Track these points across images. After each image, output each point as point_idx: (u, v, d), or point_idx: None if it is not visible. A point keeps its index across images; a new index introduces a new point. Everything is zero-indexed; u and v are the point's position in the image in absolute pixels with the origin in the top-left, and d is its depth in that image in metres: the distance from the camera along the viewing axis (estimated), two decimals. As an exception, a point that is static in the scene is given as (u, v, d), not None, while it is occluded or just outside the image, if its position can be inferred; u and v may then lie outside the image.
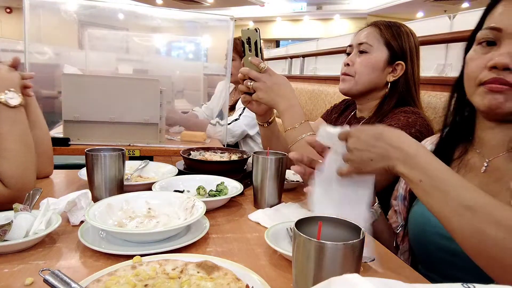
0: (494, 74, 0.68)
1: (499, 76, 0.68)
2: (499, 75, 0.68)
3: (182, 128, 1.95)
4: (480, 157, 0.79)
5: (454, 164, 0.82)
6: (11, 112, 0.90)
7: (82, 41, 2.25)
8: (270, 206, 0.96)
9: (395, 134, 0.66)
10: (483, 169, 0.77)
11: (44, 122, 1.12)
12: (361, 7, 14.22)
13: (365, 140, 0.67)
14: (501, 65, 0.67)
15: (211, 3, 13.20)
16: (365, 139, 0.67)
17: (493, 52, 0.69)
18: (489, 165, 0.77)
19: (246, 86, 1.07)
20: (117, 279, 0.54)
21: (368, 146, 0.66)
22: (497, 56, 0.68)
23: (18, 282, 0.58)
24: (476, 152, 0.80)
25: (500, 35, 0.69)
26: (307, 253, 0.49)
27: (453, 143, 0.84)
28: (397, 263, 0.72)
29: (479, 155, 0.79)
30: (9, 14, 14.49)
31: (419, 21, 3.45)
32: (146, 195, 0.88)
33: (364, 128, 0.69)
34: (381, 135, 0.66)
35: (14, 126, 0.90)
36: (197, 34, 2.42)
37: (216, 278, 0.56)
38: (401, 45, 1.17)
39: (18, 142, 0.89)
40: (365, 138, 0.67)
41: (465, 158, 0.81)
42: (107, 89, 1.59)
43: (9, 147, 0.87)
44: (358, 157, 0.67)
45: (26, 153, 0.90)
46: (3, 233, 0.67)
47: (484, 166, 0.77)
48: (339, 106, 1.45)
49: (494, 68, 0.69)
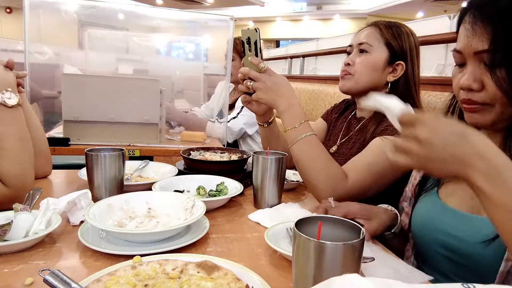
0: (464, 95, 0.72)
1: (467, 97, 0.71)
2: (467, 95, 0.71)
3: (182, 128, 1.96)
4: None
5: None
6: (9, 112, 0.91)
7: (82, 41, 2.25)
8: (270, 206, 0.96)
9: (480, 138, 0.55)
10: None
11: (38, 122, 1.12)
12: (361, 7, 14.22)
13: (443, 135, 0.55)
14: (465, 87, 0.71)
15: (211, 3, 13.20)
16: (444, 134, 0.55)
17: (464, 71, 0.72)
18: None
19: (246, 86, 1.07)
20: (117, 279, 0.54)
21: (446, 143, 0.55)
22: (463, 77, 0.71)
23: (18, 282, 0.58)
24: None
25: (463, 56, 0.72)
26: (307, 253, 0.49)
27: None
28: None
29: None
30: (9, 14, 14.49)
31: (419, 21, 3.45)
32: (146, 195, 0.88)
33: (440, 118, 0.57)
34: (464, 135, 0.55)
35: (13, 126, 0.90)
36: (197, 34, 2.42)
37: (216, 278, 0.56)
38: (401, 45, 1.17)
39: (16, 141, 0.89)
40: (443, 132, 0.55)
41: None
42: (107, 89, 1.59)
43: (8, 146, 0.87)
44: (427, 153, 0.56)
45: (24, 152, 0.90)
46: (3, 233, 0.67)
47: None
48: (339, 106, 1.45)
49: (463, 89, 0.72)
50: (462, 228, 0.74)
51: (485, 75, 0.69)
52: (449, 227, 0.76)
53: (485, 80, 0.69)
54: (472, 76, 0.70)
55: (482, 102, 0.70)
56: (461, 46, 0.72)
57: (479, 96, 0.70)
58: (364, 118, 1.25)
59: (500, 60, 0.66)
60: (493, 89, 0.67)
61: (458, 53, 0.73)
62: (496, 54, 0.66)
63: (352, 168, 1.02)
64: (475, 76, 0.70)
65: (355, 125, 1.28)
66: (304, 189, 1.17)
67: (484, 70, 0.69)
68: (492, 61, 0.67)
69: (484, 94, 0.69)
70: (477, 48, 0.68)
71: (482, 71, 0.69)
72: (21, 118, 0.93)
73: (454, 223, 0.76)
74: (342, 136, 1.30)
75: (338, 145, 1.29)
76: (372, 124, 1.15)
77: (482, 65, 0.69)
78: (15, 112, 0.92)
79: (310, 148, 1.00)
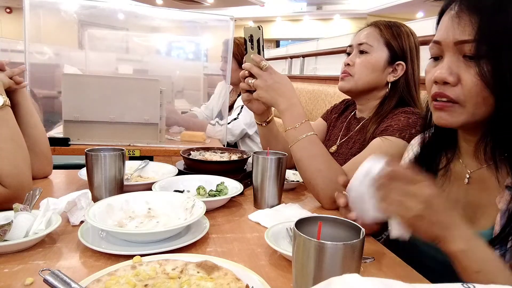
0: (436, 89, 0.69)
1: (439, 90, 0.68)
2: (440, 89, 0.68)
3: (182, 128, 1.96)
4: (463, 168, 0.77)
5: (441, 173, 0.81)
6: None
7: (82, 41, 2.25)
8: (270, 206, 0.96)
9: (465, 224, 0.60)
10: (466, 181, 0.75)
11: (39, 122, 1.11)
12: (361, 7, 14.21)
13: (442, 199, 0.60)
14: (440, 80, 0.67)
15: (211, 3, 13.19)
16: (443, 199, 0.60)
17: (439, 65, 0.69)
18: (471, 176, 0.75)
19: (247, 84, 1.07)
20: (117, 279, 0.54)
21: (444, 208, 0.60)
22: (438, 70, 0.68)
23: (18, 282, 0.58)
24: (460, 162, 0.78)
25: (441, 48, 0.69)
26: (307, 253, 0.49)
27: (437, 151, 0.82)
28: (397, 263, 0.72)
29: (461, 165, 0.78)
30: (9, 14, 14.48)
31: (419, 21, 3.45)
32: (146, 195, 0.87)
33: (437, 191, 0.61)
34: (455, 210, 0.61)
35: (1, 127, 0.90)
36: (197, 34, 2.42)
37: (216, 278, 0.56)
38: (401, 45, 1.17)
39: (8, 141, 0.89)
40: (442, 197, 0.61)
41: (450, 167, 0.80)
42: (107, 89, 1.59)
43: (0, 147, 0.87)
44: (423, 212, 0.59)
45: (18, 152, 0.90)
46: (3, 233, 0.67)
47: (466, 178, 0.75)
48: (339, 106, 1.45)
49: (436, 83, 0.69)
50: None
51: (463, 69, 0.66)
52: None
53: (462, 74, 0.66)
54: (448, 68, 0.67)
55: (454, 98, 0.67)
56: (440, 36, 0.69)
57: (453, 91, 0.67)
58: (364, 118, 1.25)
59: (485, 52, 0.63)
60: (469, 84, 0.65)
61: (437, 44, 0.70)
62: (482, 45, 0.63)
63: (352, 168, 1.01)
64: (451, 69, 0.67)
65: (355, 125, 1.28)
66: (304, 189, 1.17)
67: (463, 63, 0.66)
68: (476, 52, 0.63)
69: (458, 89, 0.66)
70: (459, 38, 0.65)
71: (460, 64, 0.66)
72: (10, 119, 0.92)
73: None
74: (342, 136, 1.30)
75: (338, 145, 1.29)
76: (372, 124, 1.15)
77: (461, 57, 0.66)
78: (3, 113, 0.91)
79: (311, 148, 1.00)
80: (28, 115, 1.07)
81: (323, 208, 1.01)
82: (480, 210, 0.72)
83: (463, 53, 0.66)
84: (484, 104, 0.65)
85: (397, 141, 1.03)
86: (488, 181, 0.71)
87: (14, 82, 1.03)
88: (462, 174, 0.77)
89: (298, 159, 1.01)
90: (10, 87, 1.02)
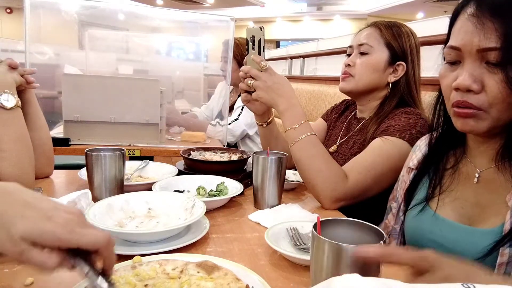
0: (459, 96, 0.67)
1: (463, 99, 0.66)
2: (463, 97, 0.66)
3: (182, 128, 1.95)
4: (472, 167, 0.77)
5: (449, 173, 0.80)
6: (6, 114, 0.91)
7: (82, 41, 2.25)
8: (270, 207, 0.96)
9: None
10: (475, 180, 0.75)
11: (45, 124, 1.12)
12: (361, 7, 14.21)
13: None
14: (463, 87, 0.65)
15: (211, 4, 13.20)
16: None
17: (459, 71, 0.68)
18: (480, 176, 0.74)
19: (246, 84, 1.07)
20: (117, 279, 0.54)
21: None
22: (460, 76, 0.66)
23: (18, 282, 0.58)
24: (468, 162, 0.78)
25: (460, 54, 0.67)
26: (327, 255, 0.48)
27: (445, 150, 0.82)
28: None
29: (471, 165, 0.77)
30: (9, 14, 14.49)
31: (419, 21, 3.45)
32: (146, 195, 0.88)
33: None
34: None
35: (11, 128, 0.90)
36: (197, 34, 2.42)
37: (216, 278, 0.56)
38: (402, 46, 1.17)
39: (15, 142, 0.89)
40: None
41: (458, 166, 0.80)
42: (107, 89, 1.59)
43: (6, 148, 0.87)
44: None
45: (23, 153, 0.90)
46: (3, 233, 0.67)
47: (475, 177, 0.75)
48: (339, 106, 1.45)
49: (458, 89, 0.67)
50: (458, 242, 0.72)
51: (486, 76, 0.64)
52: (444, 240, 0.74)
53: (486, 81, 0.64)
54: (471, 75, 0.64)
55: (478, 106, 0.65)
56: (460, 42, 0.66)
57: (476, 99, 0.65)
58: (364, 118, 1.25)
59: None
60: (494, 91, 0.63)
61: (455, 49, 0.67)
62: (508, 53, 0.60)
63: (352, 169, 1.02)
64: (474, 76, 0.64)
65: (355, 125, 1.28)
66: (304, 189, 1.17)
67: (485, 70, 0.64)
68: (503, 59, 0.61)
69: (482, 96, 0.64)
70: (482, 46, 0.62)
71: (483, 71, 0.64)
72: (19, 120, 0.93)
73: (449, 236, 0.74)
74: (342, 136, 1.30)
75: (338, 145, 1.29)
76: (372, 125, 1.15)
77: (483, 64, 0.64)
78: (13, 114, 0.92)
79: (310, 148, 1.00)
80: (35, 116, 1.07)
81: (323, 208, 1.01)
82: (490, 209, 0.71)
83: (485, 60, 0.64)
84: (510, 108, 0.64)
85: (398, 141, 1.03)
86: (498, 180, 0.71)
87: (25, 81, 1.03)
88: (471, 174, 0.77)
89: (298, 159, 1.02)
90: (21, 86, 1.02)
